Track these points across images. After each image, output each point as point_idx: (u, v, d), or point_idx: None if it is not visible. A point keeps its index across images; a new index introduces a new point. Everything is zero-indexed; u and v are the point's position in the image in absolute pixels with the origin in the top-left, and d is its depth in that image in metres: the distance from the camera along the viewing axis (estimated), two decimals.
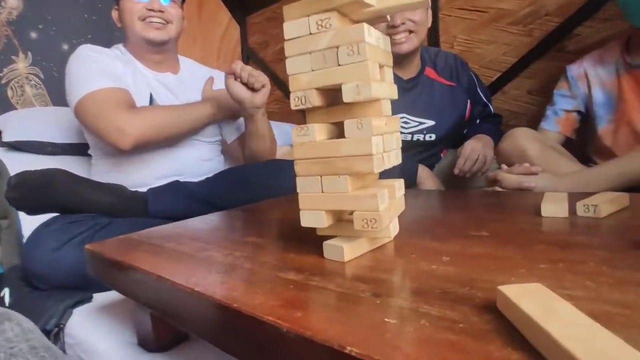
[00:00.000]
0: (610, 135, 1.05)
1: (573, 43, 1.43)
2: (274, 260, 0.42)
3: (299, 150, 0.39)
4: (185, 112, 1.04)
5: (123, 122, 0.92)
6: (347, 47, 0.35)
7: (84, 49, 1.08)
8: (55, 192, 0.83)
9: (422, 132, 1.31)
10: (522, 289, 0.24)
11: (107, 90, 0.97)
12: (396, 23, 1.14)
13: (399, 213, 0.42)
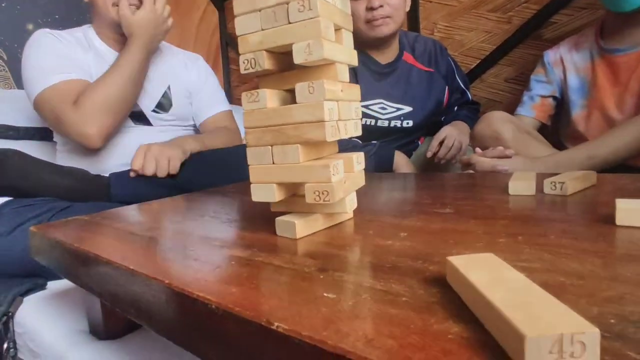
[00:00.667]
0: (583, 121, 1.05)
1: (550, 31, 1.43)
2: (224, 237, 0.39)
3: (250, 118, 0.36)
4: (121, 71, 0.96)
5: (78, 123, 0.89)
6: (297, 2, 0.32)
7: (39, 35, 1.02)
8: (7, 174, 0.78)
9: (400, 119, 1.29)
10: (473, 259, 0.22)
11: (64, 85, 0.92)
12: (374, 5, 1.11)
13: (357, 187, 0.40)
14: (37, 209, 0.77)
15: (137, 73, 0.98)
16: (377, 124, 1.29)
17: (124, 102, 0.95)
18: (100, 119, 0.89)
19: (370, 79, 1.27)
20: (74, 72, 0.96)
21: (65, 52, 0.99)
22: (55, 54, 0.97)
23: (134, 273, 0.32)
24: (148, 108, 1.08)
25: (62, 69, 0.95)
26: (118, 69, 0.95)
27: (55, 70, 0.94)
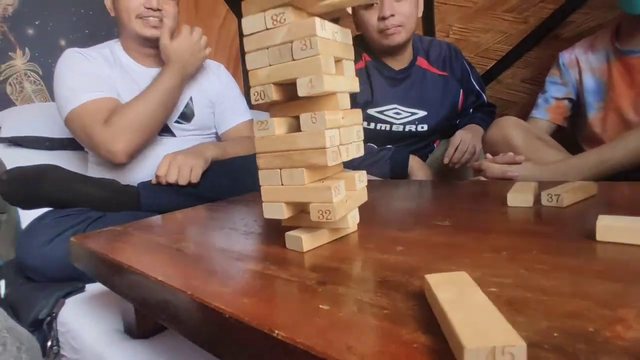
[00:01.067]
0: (600, 122, 1.05)
1: (567, 30, 1.42)
2: (240, 250, 0.44)
3: (260, 143, 0.41)
4: (154, 95, 1.02)
5: (106, 141, 0.94)
6: (300, 41, 0.36)
7: (68, 54, 1.08)
8: (46, 187, 0.85)
9: (414, 123, 1.31)
10: (446, 277, 0.26)
11: (90, 104, 0.98)
12: (385, 15, 1.14)
13: (360, 204, 0.43)
14: (74, 219, 0.84)
15: (169, 97, 1.04)
16: (392, 129, 1.31)
17: (153, 124, 1.01)
18: (127, 138, 0.95)
19: (385, 84, 1.30)
20: (101, 90, 1.02)
21: (92, 70, 1.05)
22: (84, 73, 1.04)
23: (162, 284, 0.37)
24: (171, 119, 1.13)
25: (90, 87, 1.01)
26: (151, 92, 1.01)
27: (83, 89, 1.00)
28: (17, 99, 1.72)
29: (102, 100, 1.00)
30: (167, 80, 1.03)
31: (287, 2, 0.37)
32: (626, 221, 0.34)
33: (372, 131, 1.31)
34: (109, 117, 0.97)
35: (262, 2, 0.38)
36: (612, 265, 0.29)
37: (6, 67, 1.71)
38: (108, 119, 0.97)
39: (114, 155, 0.96)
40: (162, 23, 1.09)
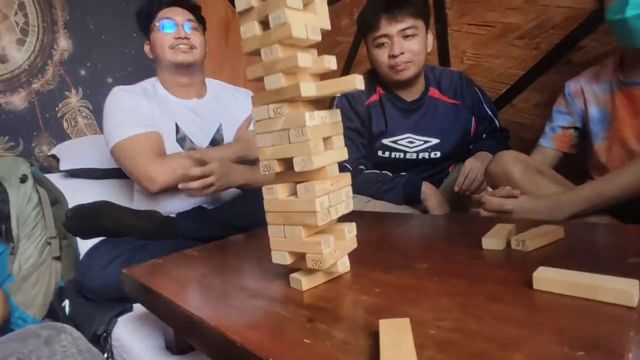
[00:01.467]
0: (605, 152, 1.09)
1: (579, 56, 1.45)
2: (253, 287, 0.54)
3: (268, 204, 0.52)
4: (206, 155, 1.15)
5: (151, 171, 1.08)
6: (294, 129, 0.47)
7: (116, 91, 1.24)
8: (102, 221, 1.01)
9: (427, 151, 1.39)
10: (393, 322, 0.35)
11: (135, 138, 1.13)
12: (395, 53, 1.23)
13: (349, 251, 0.53)
14: (123, 247, 0.99)
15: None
16: (406, 157, 1.39)
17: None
18: (170, 177, 1.09)
19: (398, 115, 1.39)
20: (144, 125, 1.17)
21: (136, 106, 1.20)
22: (128, 109, 1.19)
23: (191, 314, 0.48)
24: (203, 145, 1.27)
25: (134, 122, 1.16)
26: (210, 154, 1.15)
27: (128, 124, 1.15)
28: (72, 132, 1.94)
29: (146, 134, 1.15)
30: (228, 153, 1.19)
31: (284, 98, 0.48)
32: (560, 273, 0.42)
33: (387, 159, 1.39)
34: (163, 154, 1.11)
35: (265, 98, 0.49)
36: (532, 313, 0.37)
37: (63, 105, 1.94)
38: (162, 155, 1.11)
39: (151, 185, 1.09)
40: (192, 50, 1.25)
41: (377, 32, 1.25)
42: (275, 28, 0.46)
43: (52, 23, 1.94)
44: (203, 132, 1.28)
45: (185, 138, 1.26)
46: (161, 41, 1.24)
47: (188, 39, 1.25)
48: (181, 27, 1.25)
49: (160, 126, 1.22)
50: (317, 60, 0.49)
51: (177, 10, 1.28)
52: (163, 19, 1.25)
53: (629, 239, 0.55)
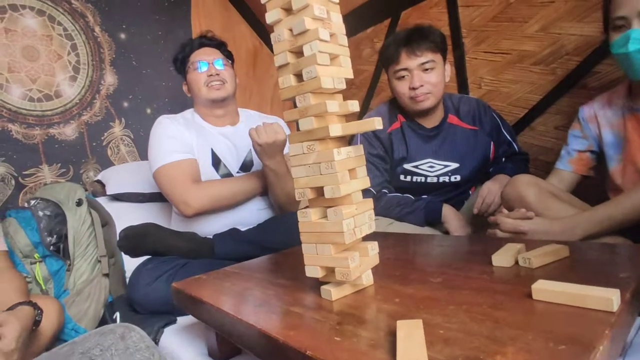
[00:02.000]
0: (620, 174, 1.12)
1: (594, 80, 1.50)
2: (290, 297, 0.63)
3: (302, 225, 0.61)
4: (240, 186, 1.29)
5: (188, 196, 1.20)
6: (325, 163, 0.56)
7: (161, 120, 1.38)
8: (149, 241, 1.13)
9: (448, 175, 1.46)
10: (408, 322, 0.43)
11: (176, 164, 1.25)
12: (415, 85, 1.32)
13: (372, 266, 0.61)
14: (167, 265, 1.10)
15: (253, 195, 1.33)
16: (427, 181, 1.46)
17: (227, 203, 1.28)
18: (204, 202, 1.22)
19: (419, 141, 1.47)
20: (185, 152, 1.30)
21: (178, 135, 1.33)
22: (171, 136, 1.32)
23: (236, 318, 0.57)
24: (234, 169, 1.40)
25: (176, 149, 1.29)
26: (242, 181, 1.31)
27: (171, 150, 1.28)
28: (115, 159, 2.12)
29: (186, 161, 1.29)
30: (260, 182, 1.32)
31: (315, 138, 0.57)
32: (555, 285, 0.48)
33: (408, 183, 1.46)
34: (199, 180, 1.23)
35: (300, 137, 0.59)
36: (528, 318, 0.44)
37: (108, 134, 2.12)
38: (198, 181, 1.24)
39: (187, 209, 1.21)
40: (224, 85, 1.39)
41: (397, 65, 1.34)
42: (308, 81, 0.56)
43: (100, 61, 2.15)
44: (236, 157, 1.41)
45: (220, 162, 1.38)
46: (196, 80, 1.39)
47: (219, 74, 1.39)
48: (212, 65, 1.40)
49: (198, 152, 1.35)
50: (342, 105, 0.58)
51: (207, 50, 1.44)
52: (196, 61, 1.40)
53: (624, 258, 0.61)
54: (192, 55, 1.44)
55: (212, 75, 1.38)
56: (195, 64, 1.40)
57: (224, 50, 1.49)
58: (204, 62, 1.40)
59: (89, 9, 2.15)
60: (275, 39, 0.60)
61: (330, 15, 0.60)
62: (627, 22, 0.96)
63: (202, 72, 1.39)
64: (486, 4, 1.75)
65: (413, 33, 1.33)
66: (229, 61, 1.49)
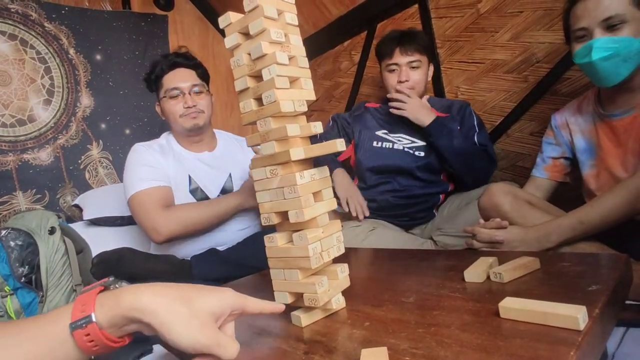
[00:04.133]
0: (594, 179, 1.14)
1: (565, 86, 1.53)
2: (260, 324, 0.61)
3: (269, 251, 0.59)
4: (213, 208, 1.26)
5: (156, 222, 1.19)
6: (287, 188, 0.55)
7: (136, 148, 1.36)
8: (124, 266, 1.10)
9: (412, 149, 1.58)
10: (372, 351, 0.41)
11: (148, 191, 1.23)
12: (402, 79, 1.51)
13: (342, 289, 0.60)
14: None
15: (224, 215, 1.29)
16: (393, 147, 1.60)
17: (200, 228, 1.26)
18: (174, 229, 1.20)
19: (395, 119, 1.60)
20: (157, 179, 1.27)
21: (153, 162, 1.31)
22: (146, 164, 1.30)
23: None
24: (213, 195, 1.37)
25: (150, 176, 1.26)
26: (213, 205, 1.27)
27: (145, 178, 1.26)
28: (93, 182, 2.08)
29: (158, 188, 1.26)
30: (231, 202, 1.28)
31: (277, 162, 0.56)
32: (521, 303, 0.48)
33: (378, 149, 1.61)
34: (170, 206, 1.21)
35: (262, 161, 0.58)
36: (494, 339, 0.43)
37: (85, 157, 2.08)
38: (169, 206, 1.21)
39: (157, 236, 1.20)
40: (200, 114, 1.35)
41: (390, 59, 1.54)
42: (268, 105, 0.55)
43: (76, 83, 2.12)
44: (214, 183, 1.39)
45: (198, 189, 1.36)
46: (171, 111, 1.35)
47: (195, 105, 1.35)
48: (188, 95, 1.35)
49: (175, 178, 1.32)
50: (304, 127, 0.58)
51: (182, 73, 1.37)
52: (170, 89, 1.34)
53: (592, 268, 0.60)
54: (165, 78, 1.37)
55: (189, 107, 1.34)
56: (170, 92, 1.35)
57: (200, 73, 1.43)
58: (178, 92, 1.35)
59: (63, 31, 2.13)
60: (234, 63, 0.60)
61: (290, 38, 0.59)
62: (589, 33, 0.99)
63: (178, 102, 1.35)
64: (458, 15, 1.78)
65: (406, 34, 1.54)
66: (205, 85, 1.44)
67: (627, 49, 0.93)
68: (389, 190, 1.56)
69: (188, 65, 1.40)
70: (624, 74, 0.96)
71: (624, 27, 0.93)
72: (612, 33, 0.95)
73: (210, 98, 1.44)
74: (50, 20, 2.07)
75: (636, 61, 0.95)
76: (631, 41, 0.93)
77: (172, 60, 1.38)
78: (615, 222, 0.90)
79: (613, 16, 0.93)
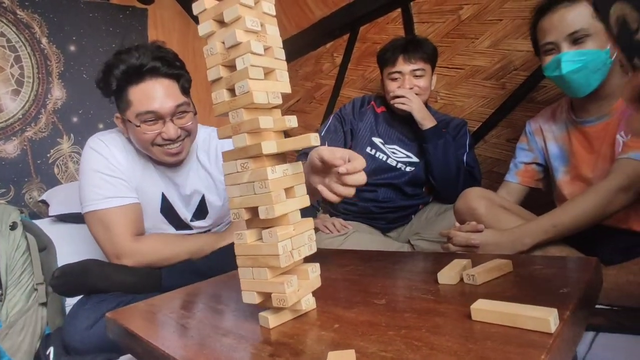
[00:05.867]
0: (567, 185, 1.16)
1: (541, 94, 1.56)
2: (226, 326, 0.58)
3: (238, 248, 0.57)
4: (189, 246, 1.12)
5: (122, 251, 1.05)
6: (258, 182, 0.53)
7: (95, 147, 1.08)
8: (88, 279, 1.03)
9: (405, 163, 1.58)
10: (340, 354, 0.40)
11: (112, 211, 1.04)
12: (406, 87, 1.48)
13: (313, 290, 0.58)
14: (110, 303, 1.00)
15: (199, 252, 1.15)
16: (386, 161, 1.57)
17: (172, 261, 1.12)
18: (141, 260, 1.08)
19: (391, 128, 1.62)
20: (123, 195, 1.07)
21: (116, 171, 1.08)
22: (107, 174, 1.07)
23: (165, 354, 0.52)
24: (187, 218, 1.24)
25: (112, 193, 1.06)
26: (189, 244, 1.13)
27: (104, 195, 1.05)
28: (62, 178, 2.00)
29: (127, 207, 1.07)
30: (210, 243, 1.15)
31: (249, 155, 0.54)
32: (493, 305, 0.47)
33: (371, 157, 1.58)
34: (140, 235, 1.09)
35: (234, 154, 0.56)
36: (465, 342, 0.42)
37: (55, 151, 2.00)
38: (138, 235, 1.08)
39: (117, 262, 1.07)
40: (184, 143, 1.06)
41: (393, 67, 1.51)
42: (241, 96, 0.53)
43: (47, 74, 2.04)
44: (186, 205, 1.22)
45: (171, 209, 1.20)
46: (142, 139, 1.01)
47: (179, 136, 1.03)
48: (169, 121, 0.99)
49: (144, 193, 1.13)
50: (278, 120, 0.56)
51: (159, 89, 0.97)
52: (143, 113, 0.98)
53: (563, 271, 0.61)
54: (134, 93, 0.98)
55: (171, 140, 1.02)
56: (144, 116, 0.99)
57: (183, 82, 1.05)
58: (157, 116, 0.99)
59: (36, 19, 2.04)
60: (207, 52, 0.57)
61: (266, 27, 0.57)
62: (556, 46, 1.01)
63: (154, 129, 1.00)
64: (440, 21, 1.80)
65: (410, 42, 1.51)
66: (190, 99, 1.09)
67: (594, 60, 0.95)
68: (371, 199, 1.55)
69: (169, 74, 1.01)
70: (594, 84, 0.98)
71: (589, 40, 0.96)
72: (578, 46, 0.97)
73: (195, 114, 1.11)
74: (23, 8, 1.99)
75: (604, 71, 0.97)
76: (598, 53, 0.95)
77: (151, 64, 0.98)
78: (587, 225, 0.92)
79: (578, 30, 0.96)
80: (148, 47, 1.00)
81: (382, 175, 1.56)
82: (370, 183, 1.55)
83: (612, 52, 0.95)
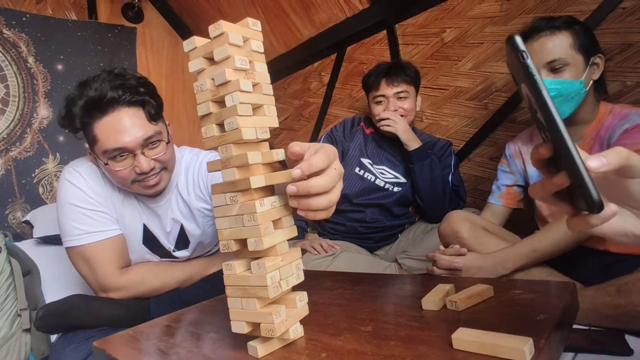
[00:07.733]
0: (546, 206, 1.20)
1: (522, 115, 1.62)
2: (215, 355, 0.59)
3: (227, 279, 0.58)
4: (178, 275, 1.12)
5: (108, 285, 1.04)
6: (246, 215, 0.55)
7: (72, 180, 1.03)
8: (74, 316, 1.01)
9: (393, 184, 1.61)
10: None
11: (94, 245, 1.02)
12: (390, 109, 1.53)
13: (301, 318, 0.59)
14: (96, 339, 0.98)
15: (189, 280, 1.14)
16: (374, 182, 1.61)
17: (157, 293, 1.11)
18: (129, 293, 1.07)
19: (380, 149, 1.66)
20: (105, 228, 1.04)
21: (95, 204, 1.04)
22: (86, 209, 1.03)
23: None
24: (170, 248, 1.20)
25: (93, 229, 1.02)
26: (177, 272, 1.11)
27: (85, 231, 1.02)
28: (47, 198, 1.97)
29: (110, 240, 1.04)
30: (199, 270, 1.15)
31: (238, 189, 0.56)
32: (473, 334, 0.49)
33: (359, 178, 1.62)
34: (126, 262, 1.08)
35: (223, 187, 0.57)
36: None
37: (40, 171, 1.98)
38: (124, 268, 1.07)
39: (102, 294, 1.06)
40: (161, 175, 1.02)
41: (377, 92, 1.56)
42: (230, 132, 0.55)
43: (33, 93, 2.03)
44: (167, 236, 1.18)
45: (154, 239, 1.15)
46: (117, 176, 0.98)
47: (153, 168, 0.98)
48: (140, 155, 0.94)
49: (126, 225, 1.09)
50: (266, 154, 0.58)
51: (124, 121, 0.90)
52: (110, 150, 0.91)
53: (541, 296, 0.63)
54: (99, 129, 0.91)
55: (145, 174, 0.98)
56: (111, 153, 0.92)
57: (151, 108, 0.96)
58: (126, 152, 0.93)
59: (22, 38, 2.05)
60: (197, 88, 0.59)
61: (255, 65, 0.60)
62: None
63: (125, 164, 0.95)
64: (424, 43, 1.86)
65: (393, 66, 1.56)
66: (163, 126, 1.02)
67: (568, 90, 1.00)
68: (358, 220, 1.59)
69: (133, 102, 0.93)
70: (568, 112, 1.03)
71: (566, 70, 1.01)
72: (555, 75, 1.02)
73: (170, 137, 1.03)
74: (9, 27, 1.99)
75: (578, 100, 1.02)
76: (572, 83, 1.00)
77: (106, 97, 0.89)
78: (566, 249, 0.95)
79: (557, 59, 1.01)
80: (105, 76, 0.93)
81: (370, 196, 1.59)
82: (358, 203, 1.58)
83: (586, 82, 1.00)
